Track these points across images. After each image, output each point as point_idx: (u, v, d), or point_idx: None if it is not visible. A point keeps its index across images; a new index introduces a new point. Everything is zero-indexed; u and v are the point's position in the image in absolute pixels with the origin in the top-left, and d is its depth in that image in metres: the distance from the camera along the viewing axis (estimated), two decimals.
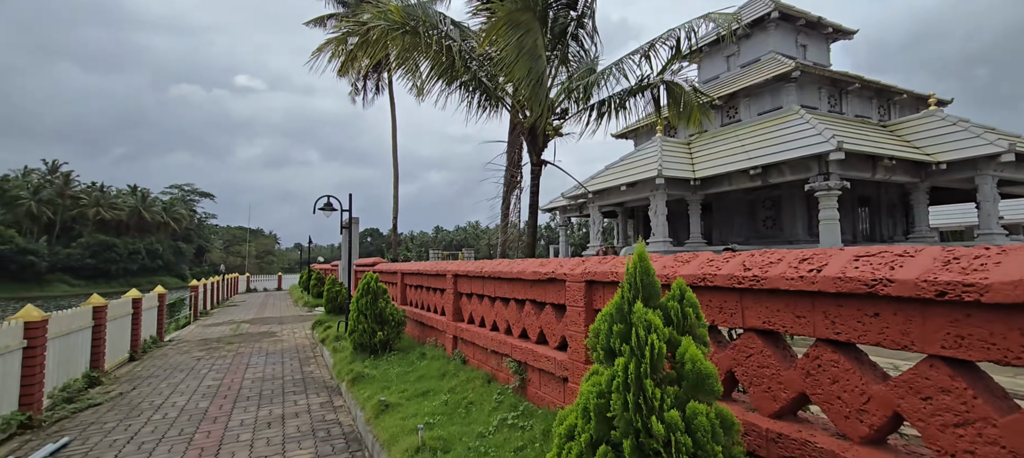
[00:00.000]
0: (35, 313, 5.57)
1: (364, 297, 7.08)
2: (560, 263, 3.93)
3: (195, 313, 16.90)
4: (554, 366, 3.81)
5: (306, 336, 12.02)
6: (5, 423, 5.04)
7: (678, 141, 21.53)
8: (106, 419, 5.67)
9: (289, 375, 7.75)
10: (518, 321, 4.61)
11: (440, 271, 6.68)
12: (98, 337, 7.56)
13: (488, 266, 5.21)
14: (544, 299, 4.14)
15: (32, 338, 5.50)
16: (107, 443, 4.88)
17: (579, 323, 3.46)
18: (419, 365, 6.31)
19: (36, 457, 4.44)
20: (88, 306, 7.45)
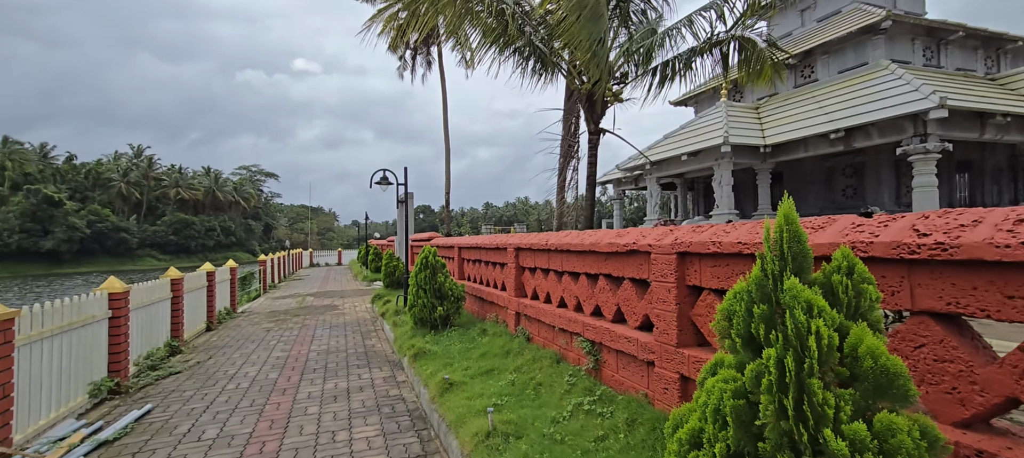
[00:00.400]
0: (118, 285, 5.82)
1: (423, 272, 6.94)
2: (641, 233, 3.50)
3: (264, 286, 17.77)
4: (636, 348, 3.43)
5: (366, 310, 12.26)
6: (96, 388, 5.31)
7: (745, 106, 20.03)
8: (185, 387, 5.90)
9: (352, 348, 7.83)
10: (590, 297, 4.24)
11: (500, 245, 6.40)
12: (176, 308, 7.94)
13: (554, 239, 4.85)
14: (621, 273, 3.73)
15: (116, 308, 5.75)
16: (185, 411, 5.03)
17: (669, 301, 3.03)
18: (481, 342, 6.11)
19: (123, 422, 4.62)
20: (166, 278, 7.80)
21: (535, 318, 5.33)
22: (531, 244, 5.36)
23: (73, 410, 4.91)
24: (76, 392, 5.02)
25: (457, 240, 9.03)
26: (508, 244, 6.05)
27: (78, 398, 5.06)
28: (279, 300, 14.97)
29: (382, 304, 10.87)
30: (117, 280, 5.91)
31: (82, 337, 5.16)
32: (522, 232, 30.07)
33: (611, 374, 3.84)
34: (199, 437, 4.32)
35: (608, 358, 3.89)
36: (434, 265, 6.99)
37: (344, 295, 15.75)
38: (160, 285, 7.40)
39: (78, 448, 3.95)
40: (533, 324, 5.46)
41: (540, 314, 5.13)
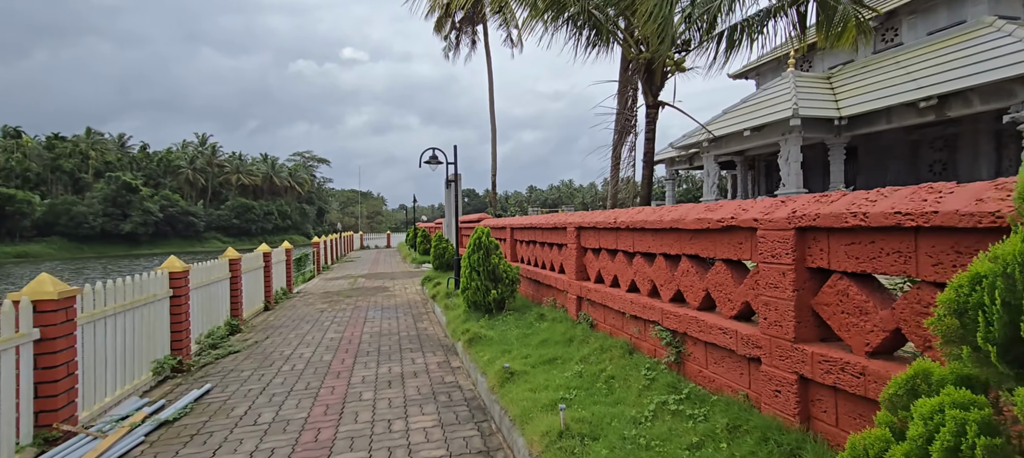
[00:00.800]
0: (177, 264, 5.86)
1: (476, 253, 6.62)
2: (740, 206, 2.96)
3: (318, 267, 18.22)
4: (733, 341, 2.92)
5: (416, 292, 12.20)
6: (159, 366, 5.37)
7: (815, 76, 18.42)
8: (243, 367, 5.90)
9: (404, 331, 7.68)
10: (669, 281, 3.74)
11: (559, 224, 5.95)
12: (235, 288, 8.05)
13: (624, 216, 4.35)
14: (712, 254, 3.21)
15: (176, 287, 5.79)
16: (242, 392, 4.97)
17: (783, 287, 2.51)
18: (538, 327, 5.73)
19: (183, 401, 4.59)
20: (224, 259, 7.91)
21: (600, 303, 4.88)
22: (595, 223, 4.89)
23: (138, 388, 4.95)
24: (140, 370, 5.06)
25: (509, 220, 8.66)
26: (568, 223, 5.60)
27: (142, 376, 5.11)
28: (332, 281, 15.25)
29: (432, 286, 10.73)
30: (177, 259, 5.95)
31: (145, 316, 5.20)
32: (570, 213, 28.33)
33: (698, 369, 3.35)
34: (255, 421, 4.21)
35: (694, 351, 3.40)
36: (487, 246, 6.66)
37: (394, 277, 15.86)
38: (219, 265, 7.49)
39: (139, 427, 3.91)
40: (598, 310, 5.01)
41: (607, 299, 4.67)
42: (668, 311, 3.62)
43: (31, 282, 3.62)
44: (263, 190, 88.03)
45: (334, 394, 4.86)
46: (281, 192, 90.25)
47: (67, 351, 3.72)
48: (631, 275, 4.32)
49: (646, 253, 4.12)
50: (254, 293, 9.40)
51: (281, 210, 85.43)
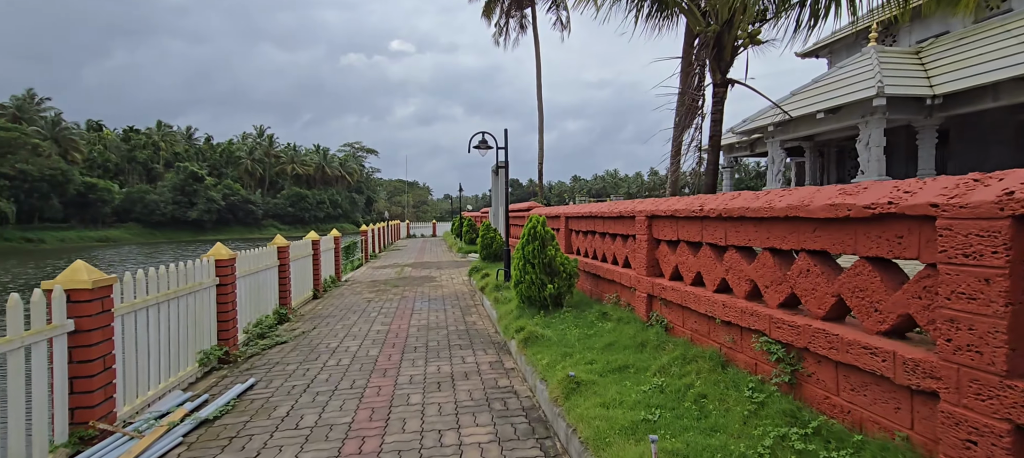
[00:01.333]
0: (224, 252, 5.67)
1: (530, 244, 6.08)
2: (896, 188, 2.24)
3: (366, 256, 18.31)
4: (888, 366, 2.22)
5: (463, 282, 11.85)
6: (205, 357, 5.18)
7: (900, 51, 16.54)
8: (288, 360, 5.65)
9: (453, 325, 7.28)
10: (778, 282, 3.04)
11: (625, 212, 5.29)
12: (284, 276, 7.91)
13: (715, 202, 3.66)
14: (849, 249, 2.51)
15: (223, 275, 5.60)
16: (286, 388, 4.68)
17: (988, 298, 1.79)
18: (601, 327, 5.13)
19: (226, 397, 4.34)
20: (272, 246, 7.77)
21: (678, 304, 4.21)
22: (674, 211, 4.21)
23: (183, 380, 4.77)
24: (186, 361, 4.88)
25: (563, 209, 8.05)
26: (637, 211, 4.94)
27: (188, 367, 4.92)
28: (379, 270, 15.19)
29: (480, 277, 10.31)
30: (223, 247, 5.76)
31: (190, 305, 5.01)
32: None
33: (824, 396, 2.66)
34: (297, 424, 3.87)
35: (818, 372, 2.70)
36: (543, 237, 6.09)
37: (440, 267, 15.63)
38: (267, 253, 7.34)
39: (177, 427, 3.65)
40: (675, 311, 4.34)
41: (688, 300, 4.00)
42: (779, 319, 2.93)
43: (65, 270, 3.39)
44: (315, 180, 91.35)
45: (380, 395, 4.47)
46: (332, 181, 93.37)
47: (103, 344, 3.49)
48: (721, 273, 3.64)
49: (743, 247, 3.43)
50: (303, 281, 9.30)
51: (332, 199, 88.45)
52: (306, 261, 9.55)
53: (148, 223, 69.52)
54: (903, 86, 13.43)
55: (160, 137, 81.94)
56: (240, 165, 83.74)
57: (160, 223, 69.94)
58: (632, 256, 5.29)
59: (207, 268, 5.38)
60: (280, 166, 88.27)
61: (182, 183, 70.92)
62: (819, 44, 21.66)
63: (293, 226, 79.50)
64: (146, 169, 76.77)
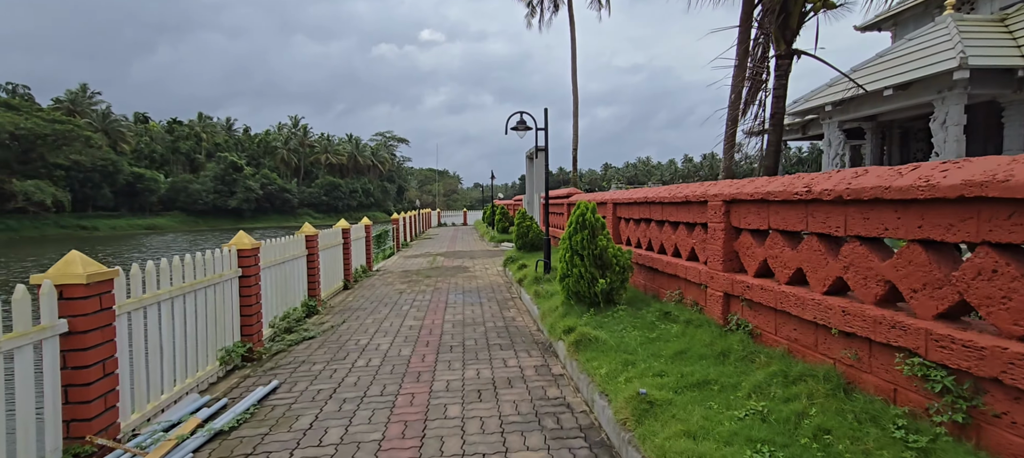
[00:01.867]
0: (247, 241, 5.24)
1: (579, 233, 5.41)
2: None
3: (397, 245, 18.02)
4: None
5: (498, 273, 11.28)
6: (227, 354, 4.78)
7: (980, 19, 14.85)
8: (315, 358, 5.20)
9: (490, 320, 6.71)
10: (940, 284, 2.29)
11: (693, 196, 4.55)
12: (312, 266, 7.52)
13: (828, 182, 2.90)
14: None
15: (246, 266, 5.18)
16: (311, 394, 4.20)
17: None
18: (665, 330, 4.43)
19: (245, 403, 3.90)
20: (300, 235, 7.37)
21: (771, 307, 3.48)
22: (765, 193, 3.46)
23: (202, 380, 4.36)
24: (205, 360, 4.47)
25: (610, 194, 7.32)
26: (710, 195, 4.19)
27: (208, 366, 4.52)
28: (411, 259, 14.82)
29: (517, 269, 9.71)
30: (247, 236, 5.34)
31: (209, 299, 4.60)
32: None
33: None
34: (320, 440, 3.36)
35: (1016, 412, 1.96)
36: (593, 225, 5.41)
37: (473, 256, 15.13)
38: (294, 242, 6.93)
39: (187, 442, 3.20)
40: (764, 315, 3.61)
41: (784, 302, 3.26)
42: (943, 336, 2.18)
43: (58, 262, 2.95)
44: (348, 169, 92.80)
45: (413, 405, 3.93)
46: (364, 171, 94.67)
47: (103, 347, 3.05)
48: (836, 270, 2.89)
49: (870, 238, 2.67)
50: (333, 272, 8.92)
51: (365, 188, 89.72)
52: (336, 250, 9.17)
53: (191, 211, 72.18)
54: (989, 56, 11.97)
55: (201, 128, 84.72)
56: (276, 155, 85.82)
57: (202, 211, 72.50)
58: (701, 248, 4.55)
59: (228, 259, 4.95)
60: (314, 155, 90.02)
61: (223, 173, 73.18)
62: (882, 16, 19.89)
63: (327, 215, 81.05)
64: (189, 159, 79.59)
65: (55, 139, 56.10)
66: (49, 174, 56.55)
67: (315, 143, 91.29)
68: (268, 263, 5.93)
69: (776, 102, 9.04)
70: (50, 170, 56.78)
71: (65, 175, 58.29)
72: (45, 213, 55.88)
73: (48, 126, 55.05)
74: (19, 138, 52.82)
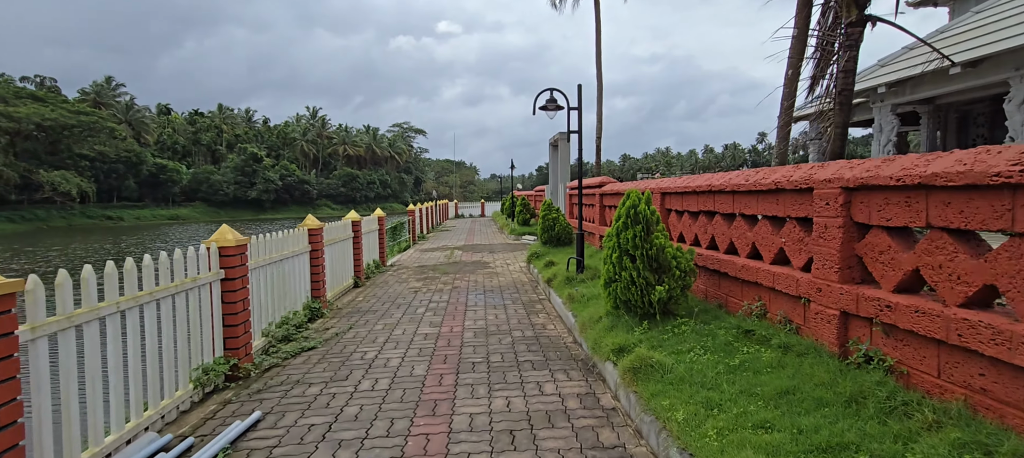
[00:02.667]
0: (230, 236, 4.39)
1: (629, 229, 4.41)
2: None
3: (413, 237, 17.22)
4: None
5: (521, 270, 10.35)
6: (205, 374, 3.95)
7: None
8: (312, 378, 4.34)
9: (517, 328, 5.78)
10: None
11: (789, 182, 3.51)
12: (316, 264, 6.68)
13: None
14: None
15: (230, 266, 4.33)
16: (300, 431, 3.33)
17: None
18: (752, 357, 3.42)
19: (218, 442, 3.05)
20: (302, 228, 6.53)
21: (933, 338, 2.45)
22: (927, 175, 2.42)
23: (168, 410, 3.53)
24: (173, 384, 3.63)
25: (658, 183, 6.28)
26: (821, 180, 3.16)
27: (177, 392, 3.69)
28: (427, 253, 13.98)
29: (543, 266, 8.76)
30: (231, 230, 4.48)
31: (179, 308, 3.76)
32: None
33: None
34: None
35: None
36: (647, 220, 4.41)
37: (493, 250, 14.21)
38: (294, 237, 6.09)
39: None
40: (918, 349, 2.58)
41: (966, 334, 2.24)
42: None
43: None
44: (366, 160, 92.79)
45: (428, 451, 3.03)
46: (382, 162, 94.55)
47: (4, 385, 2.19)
48: None
49: None
50: (341, 268, 8.09)
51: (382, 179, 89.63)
52: (345, 245, 8.33)
53: (213, 202, 72.93)
54: None
55: (222, 120, 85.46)
56: (295, 146, 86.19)
57: (223, 202, 73.20)
58: (797, 249, 3.52)
59: (206, 258, 4.11)
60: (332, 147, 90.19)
61: (243, 164, 73.70)
62: None
63: (345, 206, 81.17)
64: (210, 150, 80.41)
65: (81, 130, 56.96)
66: (75, 165, 57.50)
67: (333, 134, 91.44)
68: (261, 262, 5.09)
69: (845, 78, 7.85)
70: (76, 161, 57.73)
71: (90, 166, 59.21)
72: (71, 203, 56.91)
73: (73, 117, 55.86)
74: (45, 129, 53.71)
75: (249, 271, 4.76)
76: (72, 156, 57.21)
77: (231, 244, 4.35)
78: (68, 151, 56.82)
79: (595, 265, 7.40)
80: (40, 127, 52.68)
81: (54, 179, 53.05)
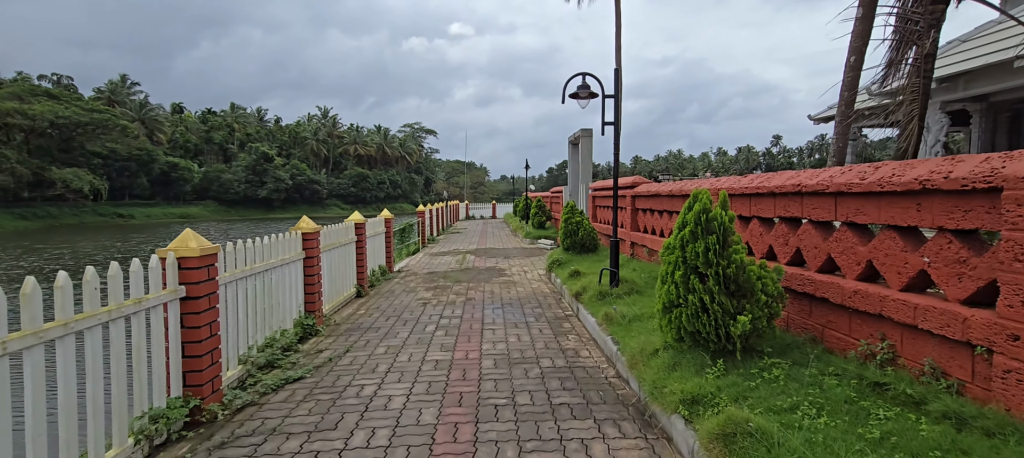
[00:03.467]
0: (193, 244, 3.48)
1: (700, 240, 3.43)
2: None
3: (423, 240, 16.34)
4: None
5: (541, 279, 9.38)
6: (150, 424, 3.04)
7: None
8: (292, 426, 3.41)
9: (545, 354, 4.82)
10: None
11: (947, 181, 2.52)
12: (311, 273, 5.78)
13: None
14: None
15: (192, 281, 3.43)
16: None
17: None
18: (899, 426, 2.42)
19: None
20: (296, 231, 5.63)
21: None
22: None
23: None
24: (99, 444, 2.72)
25: (716, 182, 5.28)
26: (1017, 175, 2.17)
27: (109, 454, 2.78)
28: (438, 257, 13.07)
29: (567, 276, 7.79)
30: (195, 236, 3.57)
31: (118, 337, 2.86)
32: None
33: None
34: None
35: None
36: (725, 230, 3.42)
37: (508, 256, 13.26)
38: (283, 242, 5.18)
39: None
40: None
41: None
42: None
43: None
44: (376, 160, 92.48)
45: None
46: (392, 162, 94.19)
47: None
48: None
49: None
50: (342, 277, 7.19)
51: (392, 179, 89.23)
52: (346, 250, 7.44)
53: (223, 201, 72.92)
54: None
55: (234, 119, 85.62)
56: (306, 145, 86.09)
57: (234, 201, 73.16)
58: (957, 274, 2.53)
59: (158, 273, 3.20)
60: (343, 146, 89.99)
61: (254, 163, 73.64)
62: None
63: (355, 206, 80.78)
64: (222, 149, 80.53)
65: (93, 128, 57.07)
66: (87, 162, 57.65)
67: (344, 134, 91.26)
68: (238, 274, 4.18)
69: (926, 61, 6.80)
70: (88, 158, 57.88)
71: (103, 164, 59.35)
72: (83, 201, 57.04)
73: (86, 114, 55.98)
74: (58, 126, 53.85)
75: (221, 286, 3.85)
76: (84, 153, 57.36)
77: (194, 254, 3.44)
78: (81, 149, 56.96)
79: (631, 278, 6.42)
80: (54, 124, 52.83)
81: (66, 176, 53.14)
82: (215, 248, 3.70)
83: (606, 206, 10.89)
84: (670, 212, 7.03)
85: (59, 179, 52.73)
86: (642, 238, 8.00)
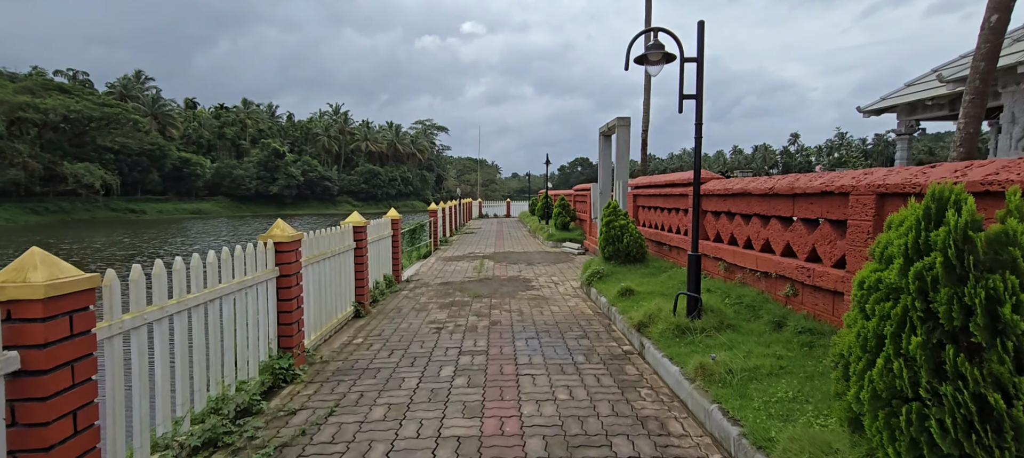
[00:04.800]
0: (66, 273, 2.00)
1: (947, 285, 1.84)
2: None
3: (435, 241, 14.85)
4: None
5: (576, 292, 7.82)
6: None
7: None
8: None
9: (618, 432, 3.24)
10: None
11: None
12: (287, 295, 4.28)
13: None
14: None
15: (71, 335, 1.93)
16: None
17: None
18: None
19: None
20: (267, 239, 4.13)
21: None
22: None
23: None
24: None
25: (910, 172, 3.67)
26: None
27: None
28: (452, 263, 11.56)
29: (615, 294, 6.21)
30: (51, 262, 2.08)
31: None
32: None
33: None
34: None
35: None
36: (965, 241, 1.83)
37: (531, 261, 11.70)
38: (242, 257, 3.68)
39: None
40: None
41: None
42: None
43: None
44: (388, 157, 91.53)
45: None
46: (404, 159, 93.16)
47: None
48: None
49: None
50: (334, 295, 5.69)
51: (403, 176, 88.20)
52: (342, 260, 5.93)
53: (235, 197, 72.39)
54: None
55: (246, 115, 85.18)
56: (317, 142, 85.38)
57: (245, 197, 72.61)
58: None
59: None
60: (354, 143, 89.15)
61: (265, 159, 72.99)
62: None
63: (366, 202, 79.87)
64: (234, 145, 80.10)
65: (105, 122, 56.68)
66: (99, 157, 57.29)
67: (355, 130, 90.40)
68: (184, 304, 2.68)
69: (993, 36, 5.08)
70: (100, 153, 57.52)
71: (114, 159, 58.98)
72: (95, 196, 56.71)
73: (98, 109, 55.58)
74: (71, 121, 53.48)
75: (126, 331, 2.35)
76: (96, 148, 57.00)
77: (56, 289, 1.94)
78: (93, 144, 56.60)
79: (713, 305, 4.82)
80: (66, 119, 52.45)
81: (78, 171, 52.78)
82: (95, 279, 2.19)
83: (652, 207, 9.26)
84: (767, 217, 5.39)
85: (71, 174, 52.37)
86: (715, 248, 6.36)
